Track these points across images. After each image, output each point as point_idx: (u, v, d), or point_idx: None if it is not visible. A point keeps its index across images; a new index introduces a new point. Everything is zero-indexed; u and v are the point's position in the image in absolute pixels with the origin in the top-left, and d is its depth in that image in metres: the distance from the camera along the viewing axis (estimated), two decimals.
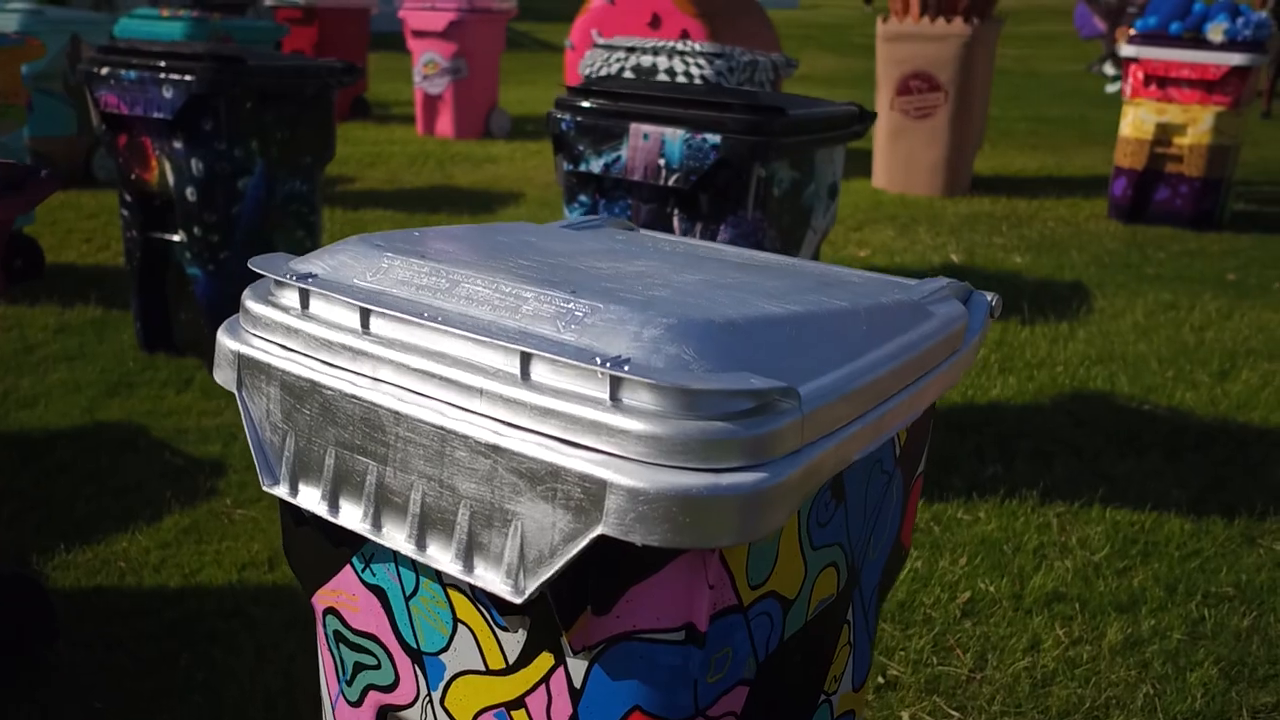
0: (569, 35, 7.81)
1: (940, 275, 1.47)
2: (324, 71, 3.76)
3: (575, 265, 1.24)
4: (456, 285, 1.10)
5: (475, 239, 1.34)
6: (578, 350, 0.96)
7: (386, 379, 1.06)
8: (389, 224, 5.91)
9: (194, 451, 3.21)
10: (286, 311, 1.16)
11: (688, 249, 1.51)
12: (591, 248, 1.38)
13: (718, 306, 1.06)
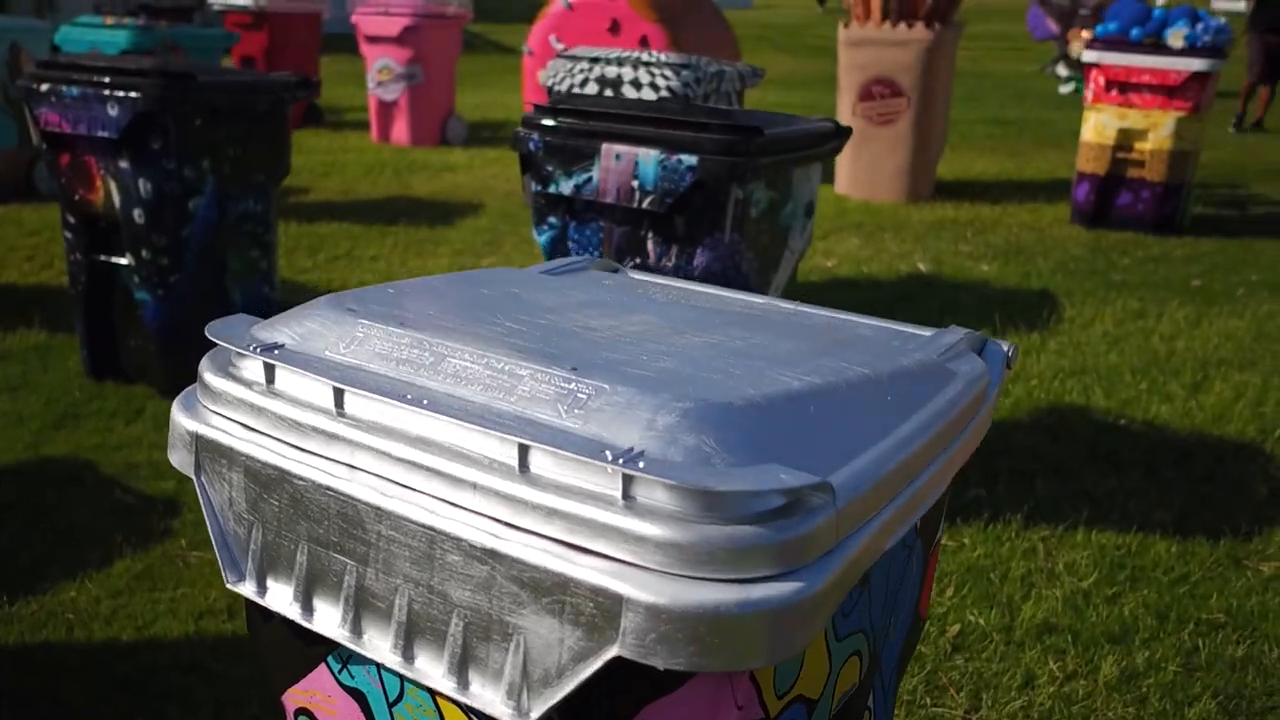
0: (526, 41, 7.69)
1: (906, 279, 1.38)
2: (277, 86, 3.61)
3: (568, 326, 1.13)
4: (442, 360, 0.99)
5: (455, 295, 1.23)
6: (584, 442, 0.86)
7: (365, 467, 0.95)
8: (345, 238, 5.75)
9: (146, 488, 3.05)
10: (250, 387, 1.04)
11: (682, 296, 1.41)
12: (581, 300, 1.28)
13: (733, 382, 0.96)
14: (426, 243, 5.72)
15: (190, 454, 1.06)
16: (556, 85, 4.35)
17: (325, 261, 5.32)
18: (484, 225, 6.15)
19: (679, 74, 4.15)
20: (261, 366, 1.04)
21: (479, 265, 5.34)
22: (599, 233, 2.78)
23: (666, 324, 1.19)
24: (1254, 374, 4.13)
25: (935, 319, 4.63)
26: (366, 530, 0.93)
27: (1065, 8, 13.91)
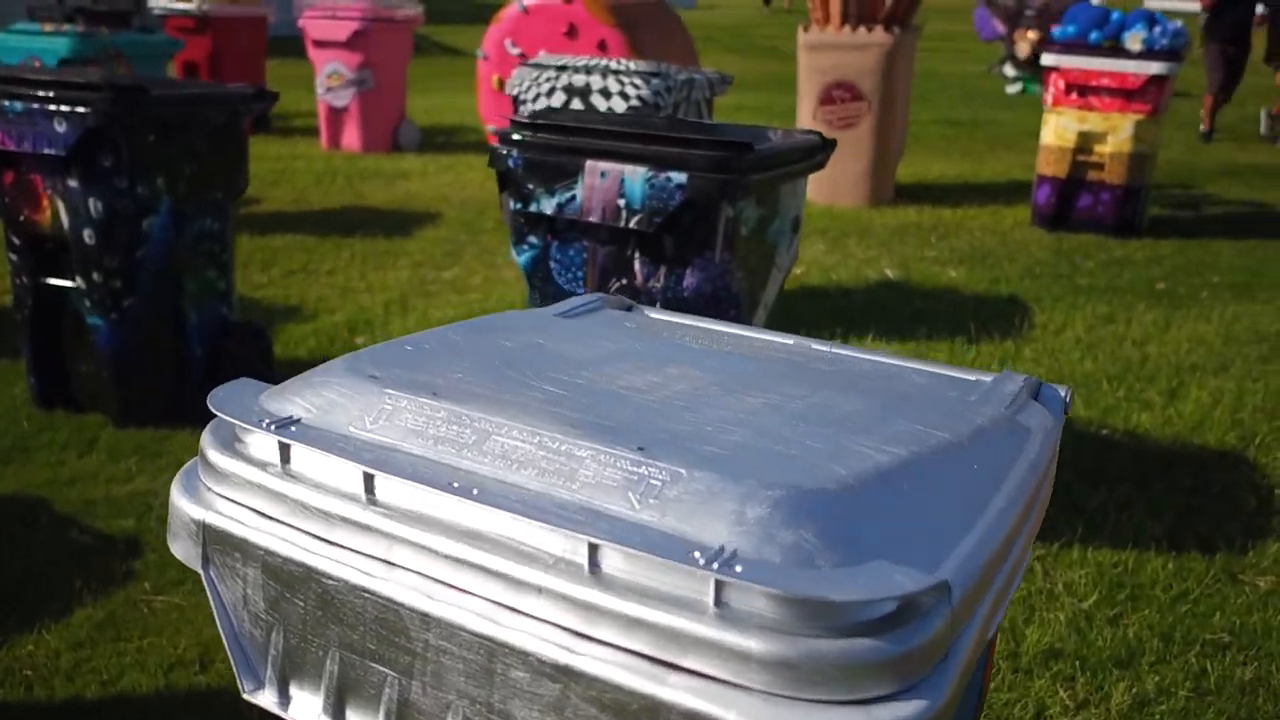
0: (481, 45, 7.55)
1: (875, 286, 1.30)
2: (234, 98, 3.45)
3: (609, 386, 1.03)
4: (487, 438, 0.88)
5: (478, 350, 1.12)
6: (666, 540, 0.76)
7: (406, 565, 0.84)
8: (300, 250, 5.57)
9: (104, 527, 2.89)
10: (263, 468, 0.92)
11: (711, 339, 1.32)
12: (610, 350, 1.18)
13: (816, 459, 0.86)
14: (385, 255, 5.57)
15: (196, 545, 0.94)
16: (522, 94, 4.23)
17: (281, 276, 5.14)
18: (443, 236, 6.00)
19: (649, 83, 4.05)
20: (276, 445, 0.92)
21: (440, 278, 5.21)
22: (582, 253, 2.67)
23: (712, 379, 1.09)
24: (1228, 379, 4.13)
25: (908, 327, 4.58)
26: (411, 638, 0.82)
27: (1011, 9, 14.03)
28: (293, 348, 4.20)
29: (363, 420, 0.93)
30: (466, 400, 0.94)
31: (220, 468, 0.95)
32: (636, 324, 1.37)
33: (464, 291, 5.01)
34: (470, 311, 4.69)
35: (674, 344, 1.25)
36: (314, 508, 0.88)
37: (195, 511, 0.94)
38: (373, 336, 4.36)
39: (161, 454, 3.30)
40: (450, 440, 0.89)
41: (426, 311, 4.70)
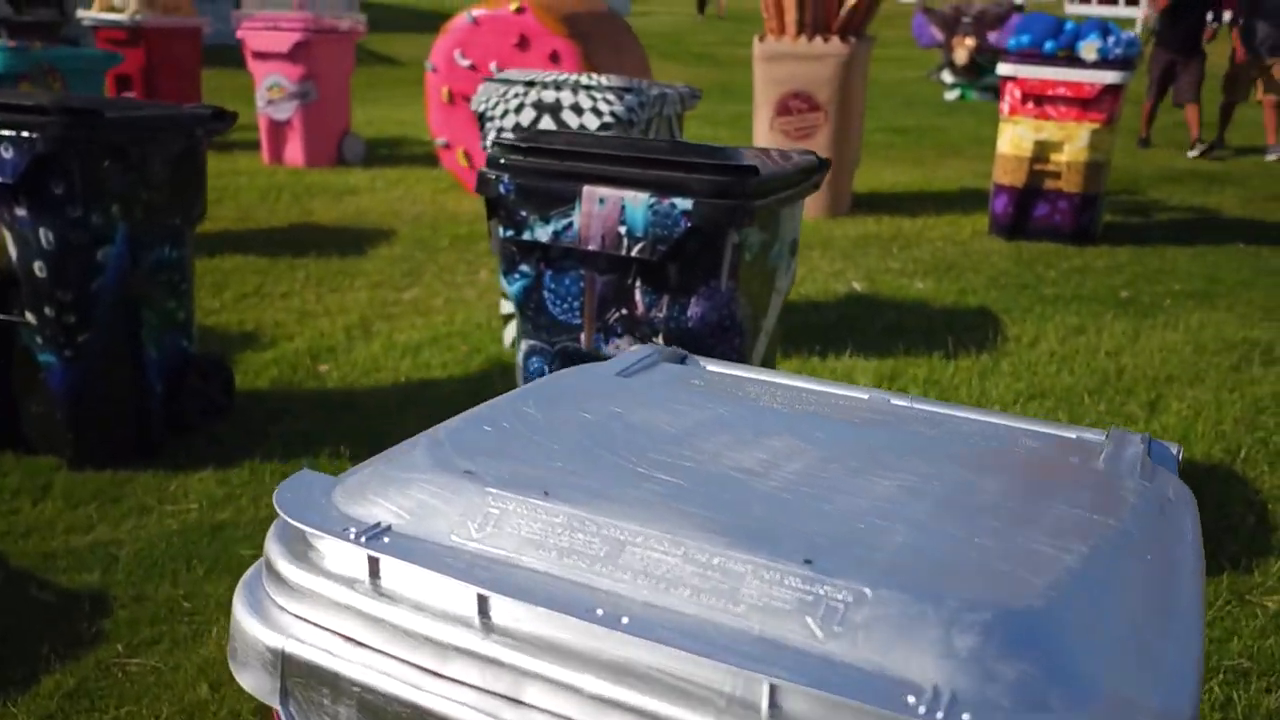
0: (429, 57, 7.38)
1: (845, 301, 1.21)
2: (192, 120, 3.27)
3: (721, 469, 0.92)
4: (621, 549, 0.77)
5: (561, 427, 1.01)
6: (872, 683, 0.65)
7: (540, 705, 0.72)
8: (252, 272, 5.36)
9: (67, 582, 2.69)
10: (349, 585, 0.80)
11: (788, 398, 1.21)
12: (698, 420, 1.07)
13: (1000, 565, 0.76)
14: (340, 275, 5.38)
15: (273, 677, 0.80)
16: (489, 111, 4.09)
17: (234, 301, 4.93)
18: (398, 254, 5.83)
19: (621, 98, 3.94)
20: (363, 555, 0.79)
21: (400, 299, 5.04)
22: (579, 282, 2.55)
23: (822, 453, 0.98)
24: (1203, 390, 4.14)
25: (885, 343, 4.53)
26: None
27: (949, 16, 14.19)
28: (253, 378, 4.01)
29: (466, 527, 0.80)
30: (581, 499, 0.82)
31: (295, 583, 0.82)
32: (703, 381, 1.26)
33: (427, 314, 4.84)
34: (436, 335, 4.53)
35: (756, 407, 1.14)
36: (420, 635, 0.75)
37: (270, 638, 0.81)
38: (337, 364, 4.18)
39: (122, 498, 3.11)
40: (578, 552, 0.77)
41: (391, 335, 4.53)
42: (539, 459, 0.90)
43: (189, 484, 3.19)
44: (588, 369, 1.25)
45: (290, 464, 3.32)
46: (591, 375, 1.20)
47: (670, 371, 1.29)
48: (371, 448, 3.49)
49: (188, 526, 2.97)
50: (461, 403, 3.83)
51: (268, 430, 3.57)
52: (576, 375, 1.19)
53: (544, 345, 2.64)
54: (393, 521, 0.82)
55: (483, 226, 6.50)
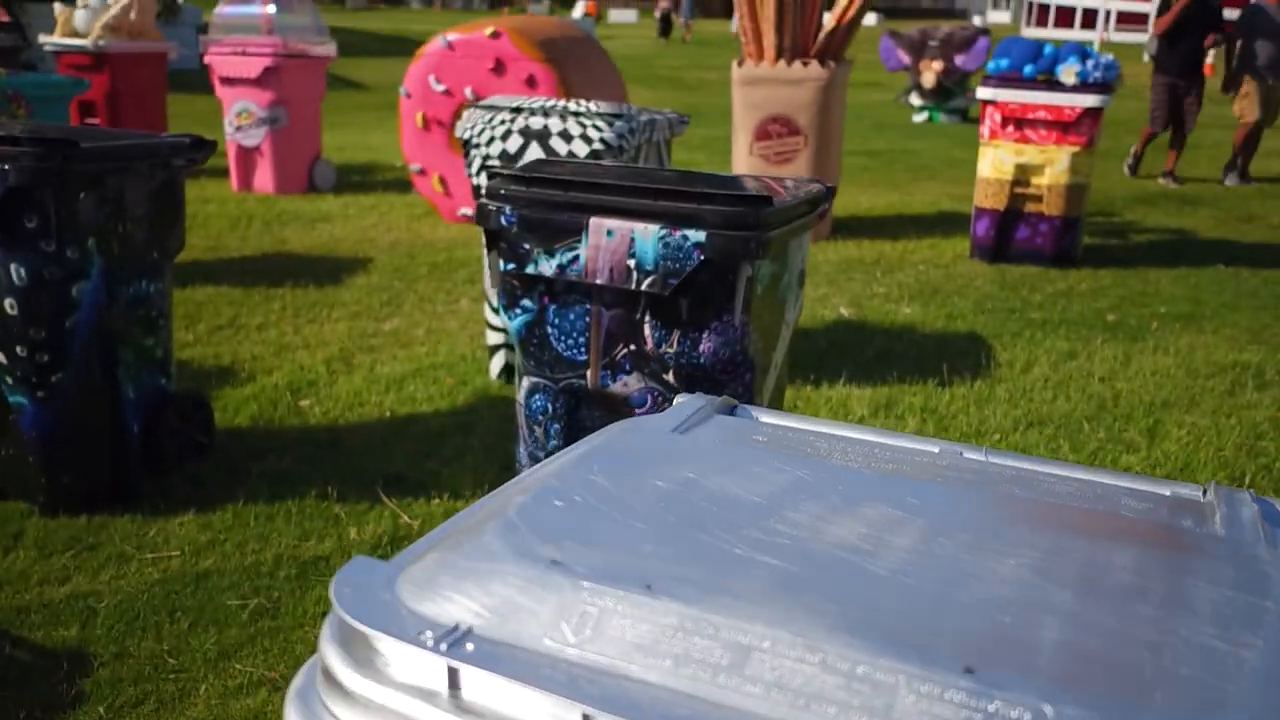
0: (403, 82, 7.29)
1: (834, 327, 1.13)
2: (171, 150, 3.15)
3: (826, 547, 0.82)
4: (746, 655, 0.67)
5: (634, 498, 0.91)
6: None
7: None
8: (226, 303, 5.21)
9: (42, 638, 2.54)
10: (427, 699, 0.69)
11: (860, 453, 1.12)
12: (778, 486, 0.97)
13: (1179, 667, 0.67)
14: (317, 306, 5.24)
15: None
16: (474, 138, 3.99)
17: (207, 334, 4.78)
18: (376, 283, 5.70)
19: (611, 125, 3.86)
20: (445, 669, 0.69)
21: (380, 330, 4.91)
22: (584, 316, 2.45)
23: (925, 523, 0.89)
24: (1200, 415, 4.10)
25: (877, 370, 4.46)
26: None
27: (916, 39, 14.30)
28: (232, 415, 3.87)
29: (561, 630, 0.70)
30: (689, 594, 0.72)
31: (359, 695, 0.71)
32: (765, 436, 1.16)
33: (409, 345, 4.72)
34: (419, 367, 4.41)
35: (831, 468, 1.05)
36: None
37: None
38: (318, 399, 4.05)
39: (99, 546, 2.96)
40: (696, 660, 0.67)
41: (373, 368, 4.40)
42: (627, 542, 0.80)
43: (169, 529, 3.05)
44: (641, 424, 1.15)
45: (275, 505, 3.19)
46: (648, 433, 1.10)
47: (727, 426, 1.19)
48: (359, 487, 3.38)
49: (170, 575, 2.82)
50: (451, 438, 3.72)
51: (250, 470, 3.43)
52: (633, 433, 1.10)
53: (547, 382, 2.54)
54: (473, 623, 0.72)
55: (461, 254, 6.39)
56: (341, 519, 3.14)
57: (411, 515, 3.17)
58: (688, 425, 1.17)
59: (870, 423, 3.94)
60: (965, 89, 14.59)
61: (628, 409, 2.49)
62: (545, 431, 2.58)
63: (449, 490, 3.33)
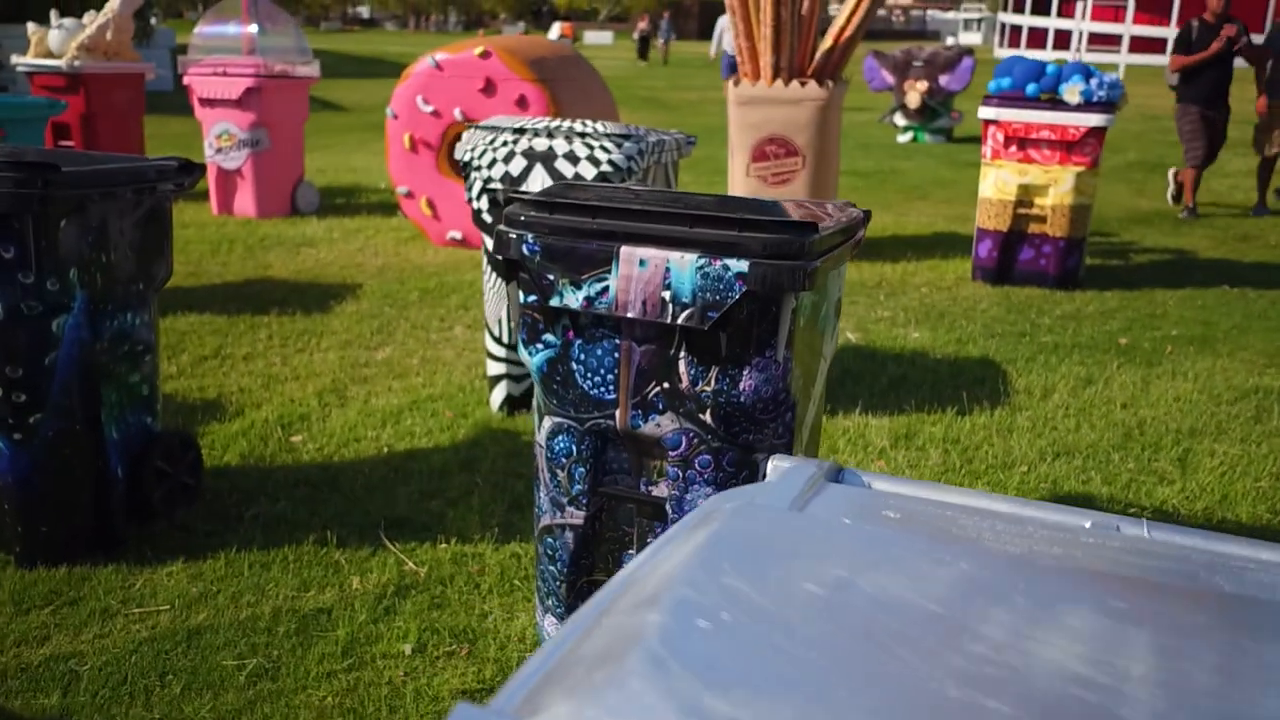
0: (390, 103, 7.11)
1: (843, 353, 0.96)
2: (158, 174, 2.96)
3: (1054, 678, 0.64)
4: None
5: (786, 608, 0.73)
6: None
7: None
8: (209, 332, 5.00)
9: (20, 707, 2.33)
10: None
11: (1016, 530, 0.94)
12: (948, 582, 0.80)
13: None
14: (306, 334, 5.03)
15: None
16: (475, 160, 3.82)
17: (192, 365, 4.57)
18: (366, 310, 5.50)
19: (620, 146, 3.69)
20: None
21: (373, 359, 4.71)
22: (613, 352, 2.27)
23: (1159, 643, 0.72)
24: (1231, 444, 3.96)
25: (894, 399, 4.30)
26: None
27: (900, 59, 14.27)
28: (220, 453, 3.65)
29: None
30: None
31: None
32: (896, 512, 0.99)
33: (403, 375, 4.52)
34: (416, 399, 4.21)
35: (993, 555, 0.87)
36: None
37: None
38: (311, 434, 3.84)
39: (80, 601, 2.74)
40: None
41: (367, 401, 4.20)
42: (811, 683, 0.63)
43: (157, 581, 2.83)
44: (750, 500, 0.97)
45: (270, 552, 2.98)
46: (765, 513, 0.92)
47: (846, 499, 1.02)
48: (360, 531, 3.16)
49: (159, 633, 2.61)
50: (454, 476, 3.52)
51: (242, 514, 3.22)
52: (748, 516, 0.92)
53: (572, 423, 2.35)
54: None
55: (452, 279, 6.19)
56: (342, 566, 2.94)
57: (417, 561, 2.97)
58: (805, 499, 0.99)
59: (891, 455, 3.77)
60: (950, 109, 14.57)
61: (659, 451, 2.31)
62: (569, 475, 2.39)
63: (456, 534, 3.13)
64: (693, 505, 2.29)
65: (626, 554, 2.45)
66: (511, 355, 4.02)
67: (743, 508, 0.94)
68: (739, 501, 0.97)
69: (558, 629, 2.53)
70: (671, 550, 0.85)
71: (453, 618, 2.71)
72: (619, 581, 0.82)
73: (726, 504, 0.95)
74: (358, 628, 2.65)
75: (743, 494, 1.01)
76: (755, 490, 1.02)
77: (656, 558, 0.84)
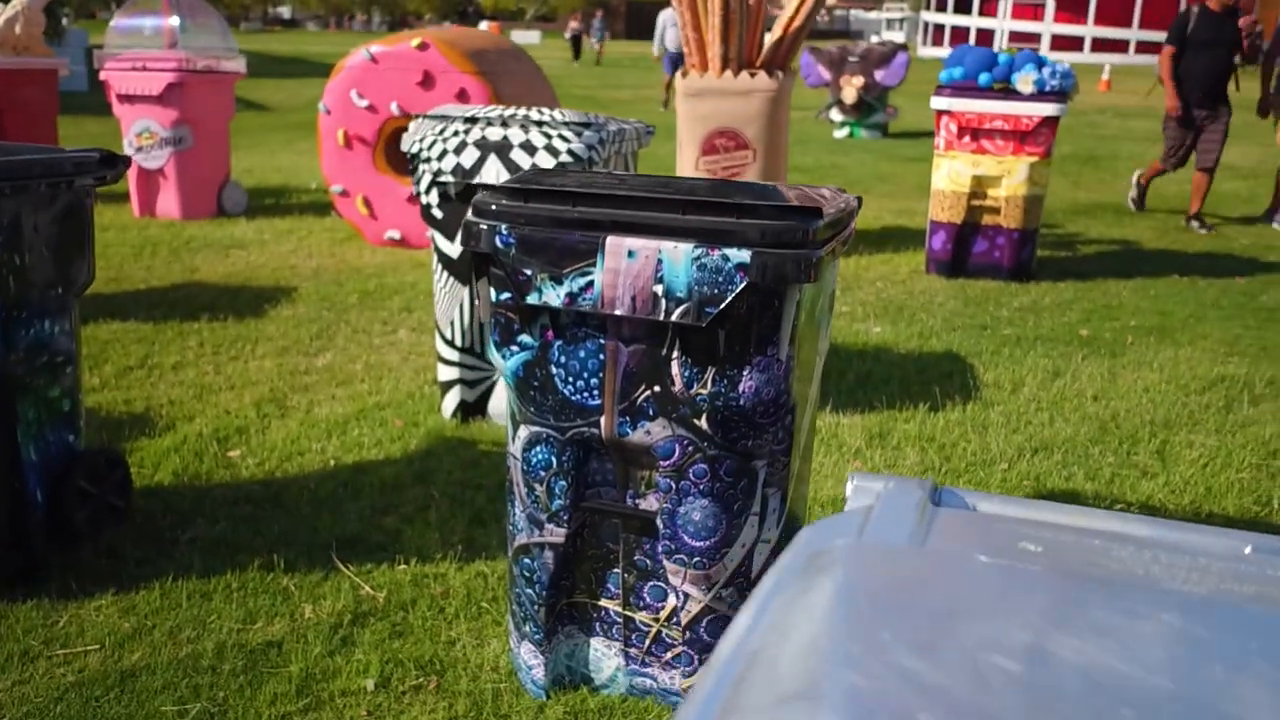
0: (322, 98, 6.80)
1: None
2: (77, 167, 2.67)
3: None
4: None
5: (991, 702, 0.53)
6: None
7: None
8: (135, 341, 4.67)
9: None
10: None
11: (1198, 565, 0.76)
12: (1154, 641, 0.61)
13: None
14: (239, 341, 4.73)
15: None
16: (424, 151, 3.58)
17: (115, 376, 4.25)
18: (303, 314, 5.20)
19: (580, 135, 3.48)
20: None
21: (313, 366, 4.43)
22: (598, 354, 2.06)
23: None
24: (1205, 434, 3.88)
25: (864, 396, 4.15)
26: None
27: (835, 55, 14.24)
28: (151, 472, 3.36)
29: None
30: None
31: None
32: (1038, 544, 0.80)
33: (347, 382, 4.25)
34: (363, 407, 3.95)
35: (1189, 604, 0.69)
36: None
37: None
38: (250, 448, 3.57)
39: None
40: None
41: (309, 410, 3.93)
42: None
43: (84, 617, 2.55)
44: (851, 531, 0.78)
45: (211, 580, 2.71)
46: (893, 557, 0.73)
47: (965, 528, 0.83)
48: (310, 553, 2.90)
49: (87, 677, 2.33)
50: (408, 489, 3.28)
51: (178, 538, 2.94)
52: (872, 560, 0.72)
53: (551, 432, 2.13)
54: None
55: (392, 280, 5.92)
56: (292, 593, 2.69)
57: (375, 585, 2.73)
58: (922, 531, 0.80)
59: (868, 455, 3.62)
60: (885, 104, 14.58)
61: (649, 460, 2.11)
62: (549, 489, 2.17)
63: (415, 553, 2.89)
64: (686, 518, 2.09)
65: (611, 573, 2.25)
66: (465, 359, 3.78)
67: (859, 548, 0.74)
68: (845, 538, 0.77)
69: (537, 657, 2.32)
70: (791, 610, 0.65)
71: (417, 647, 2.48)
72: (729, 657, 0.62)
73: (834, 542, 0.75)
74: (312, 662, 2.40)
75: (841, 526, 0.81)
76: (852, 521, 0.82)
77: (773, 620, 0.64)
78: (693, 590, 2.14)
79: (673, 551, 2.13)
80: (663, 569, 2.17)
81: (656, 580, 2.21)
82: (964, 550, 0.76)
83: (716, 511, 2.08)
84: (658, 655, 2.26)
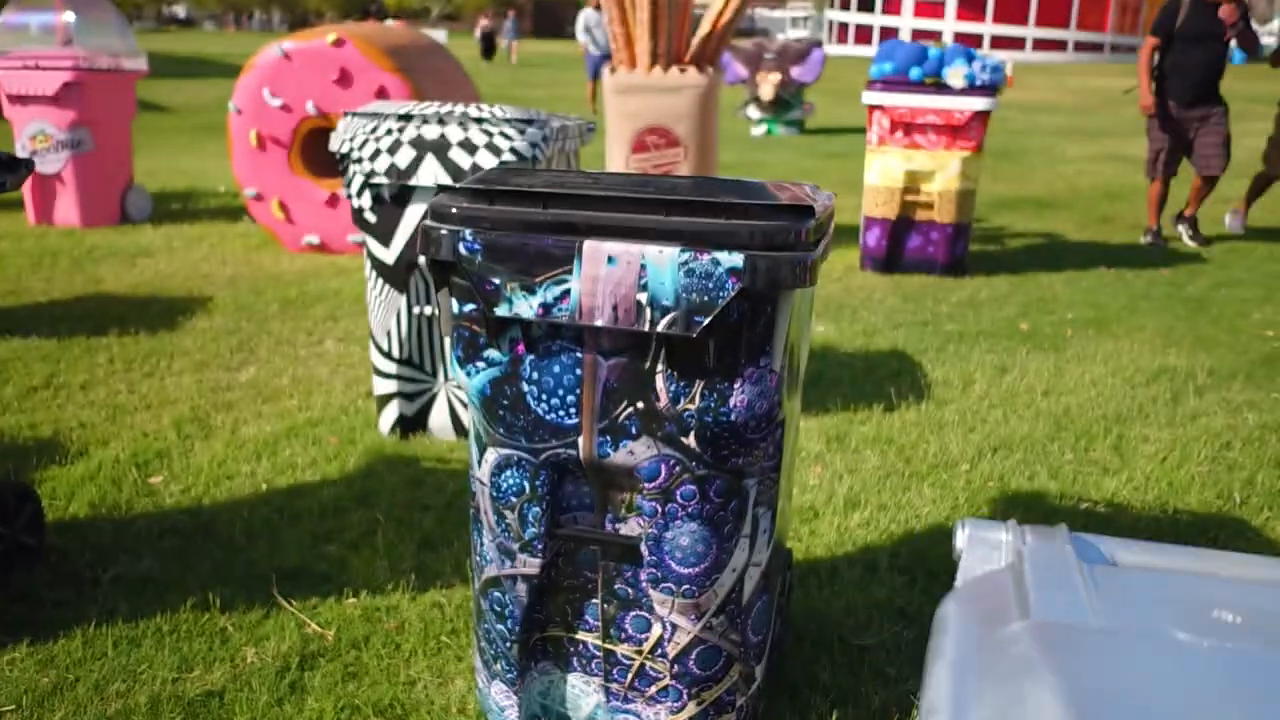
0: (232, 97, 6.48)
1: None
2: None
3: None
4: None
5: None
6: None
7: None
8: (37, 358, 4.34)
9: None
10: None
11: None
12: None
13: None
14: (152, 357, 4.43)
15: None
16: (355, 151, 3.36)
17: (18, 398, 3.93)
18: (221, 326, 4.91)
19: (523, 132, 3.31)
20: None
21: (235, 381, 4.17)
22: (574, 369, 1.90)
23: None
24: (1157, 428, 3.87)
25: (817, 397, 4.05)
26: None
27: (752, 52, 14.23)
28: (64, 503, 3.09)
29: None
30: None
31: None
32: (1235, 613, 0.66)
33: (274, 398, 4.00)
34: (293, 425, 3.71)
35: None
36: None
37: None
38: (172, 474, 3.31)
39: None
40: None
41: (235, 430, 3.67)
42: None
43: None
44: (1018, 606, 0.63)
45: (140, 624, 2.47)
46: (1080, 641, 0.58)
47: (1135, 589, 0.69)
48: (247, 588, 2.65)
49: None
50: (350, 514, 3.06)
51: (98, 577, 2.69)
52: (1067, 648, 0.58)
53: (524, 455, 1.96)
54: None
55: (314, 287, 5.65)
56: (231, 635, 2.46)
57: (322, 622, 2.52)
58: (1089, 600, 0.66)
59: (829, 459, 3.51)
60: (801, 101, 14.63)
61: (631, 482, 1.95)
62: (521, 517, 2.00)
63: (363, 584, 2.69)
64: (674, 543, 1.94)
65: (589, 604, 2.08)
66: (403, 371, 3.57)
67: (1047, 630, 0.60)
68: (1009, 611, 0.63)
69: (510, 698, 2.14)
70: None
71: (374, 690, 2.28)
72: None
73: (1008, 624, 0.61)
74: (260, 712, 2.19)
75: (994, 597, 0.67)
76: (1003, 588, 0.68)
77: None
78: (681, 620, 1.99)
79: (659, 580, 1.97)
80: (647, 598, 2.01)
81: (639, 610, 2.05)
82: (1156, 628, 0.63)
83: (706, 535, 1.93)
84: (641, 690, 2.10)
